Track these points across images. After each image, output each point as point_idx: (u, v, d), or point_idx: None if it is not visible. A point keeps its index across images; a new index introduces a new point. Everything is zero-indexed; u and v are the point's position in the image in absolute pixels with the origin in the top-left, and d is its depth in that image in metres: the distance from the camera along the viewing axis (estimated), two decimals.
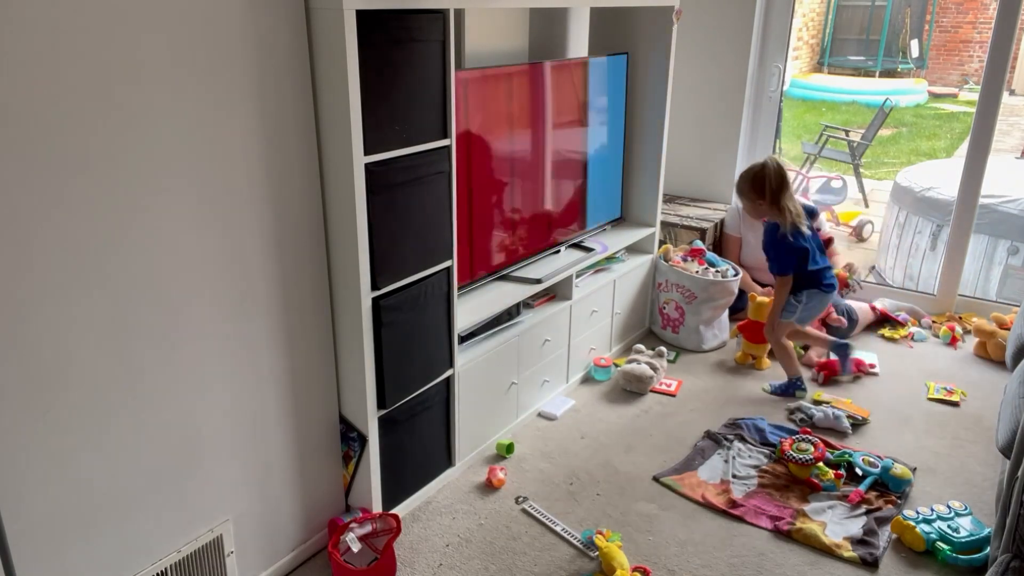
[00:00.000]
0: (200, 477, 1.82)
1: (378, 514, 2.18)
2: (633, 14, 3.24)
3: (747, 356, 3.35)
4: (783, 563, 2.18)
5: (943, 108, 10.84)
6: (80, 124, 1.45)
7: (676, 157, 4.03)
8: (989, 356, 3.39)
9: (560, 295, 2.97)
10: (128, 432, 1.64)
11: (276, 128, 1.81)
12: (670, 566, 2.17)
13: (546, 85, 2.78)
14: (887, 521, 2.32)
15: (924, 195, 4.43)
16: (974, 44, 12.02)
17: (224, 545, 1.91)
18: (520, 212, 2.79)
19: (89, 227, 1.50)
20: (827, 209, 5.69)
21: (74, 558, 1.60)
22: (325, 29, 1.80)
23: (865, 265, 4.97)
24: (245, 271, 1.82)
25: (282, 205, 1.87)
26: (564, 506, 2.41)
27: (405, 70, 1.98)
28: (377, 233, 1.99)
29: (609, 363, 3.21)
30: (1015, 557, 1.84)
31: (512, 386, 2.73)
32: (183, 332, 1.71)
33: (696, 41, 3.94)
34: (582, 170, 3.11)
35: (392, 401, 2.18)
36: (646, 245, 3.48)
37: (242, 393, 1.88)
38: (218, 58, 1.65)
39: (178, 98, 1.60)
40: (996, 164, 4.06)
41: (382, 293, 2.07)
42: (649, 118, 3.36)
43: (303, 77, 1.84)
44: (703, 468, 2.60)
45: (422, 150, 2.09)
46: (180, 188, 1.64)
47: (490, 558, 2.19)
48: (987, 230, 4.06)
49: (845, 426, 2.82)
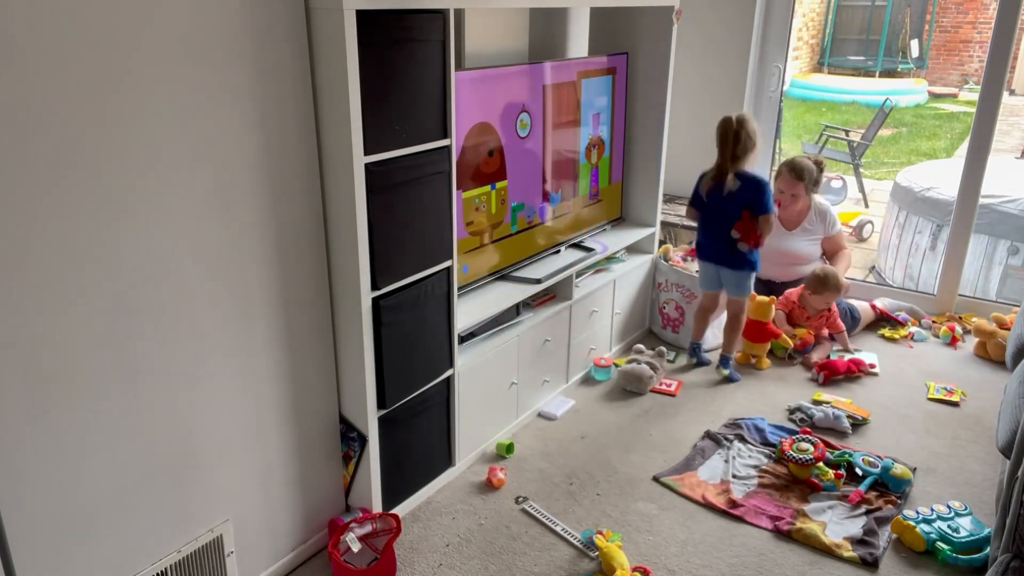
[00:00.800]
0: (200, 477, 1.82)
1: (378, 514, 2.18)
2: (633, 14, 3.24)
3: (747, 356, 3.35)
4: (783, 563, 2.18)
5: (943, 108, 10.84)
6: (79, 125, 1.45)
7: (676, 157, 4.02)
8: (989, 356, 3.39)
9: (560, 295, 2.97)
10: (128, 432, 1.64)
11: (276, 128, 1.81)
12: (670, 566, 2.17)
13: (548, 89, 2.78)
14: (887, 521, 2.32)
15: (924, 195, 4.43)
16: (974, 44, 12.02)
17: (224, 545, 1.91)
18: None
19: (89, 227, 1.50)
20: None
21: (74, 558, 1.60)
22: (325, 29, 1.80)
23: (865, 265, 4.98)
24: (245, 271, 1.82)
25: (282, 205, 1.87)
26: (564, 506, 2.41)
27: (405, 70, 1.98)
28: (377, 233, 1.99)
29: (609, 363, 3.21)
30: (1015, 557, 1.84)
31: (512, 386, 2.73)
32: (183, 332, 1.71)
33: (696, 41, 3.94)
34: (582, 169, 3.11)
35: (392, 401, 2.18)
36: (646, 245, 3.48)
37: (242, 393, 1.88)
38: (218, 58, 1.65)
39: (178, 98, 1.60)
40: (996, 164, 4.06)
41: (382, 293, 2.07)
42: (649, 118, 3.36)
43: (303, 77, 1.84)
44: (703, 468, 2.60)
45: (422, 150, 2.09)
46: (180, 189, 1.64)
47: (490, 558, 2.19)
48: (987, 230, 4.06)
49: (845, 426, 2.82)
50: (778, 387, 3.16)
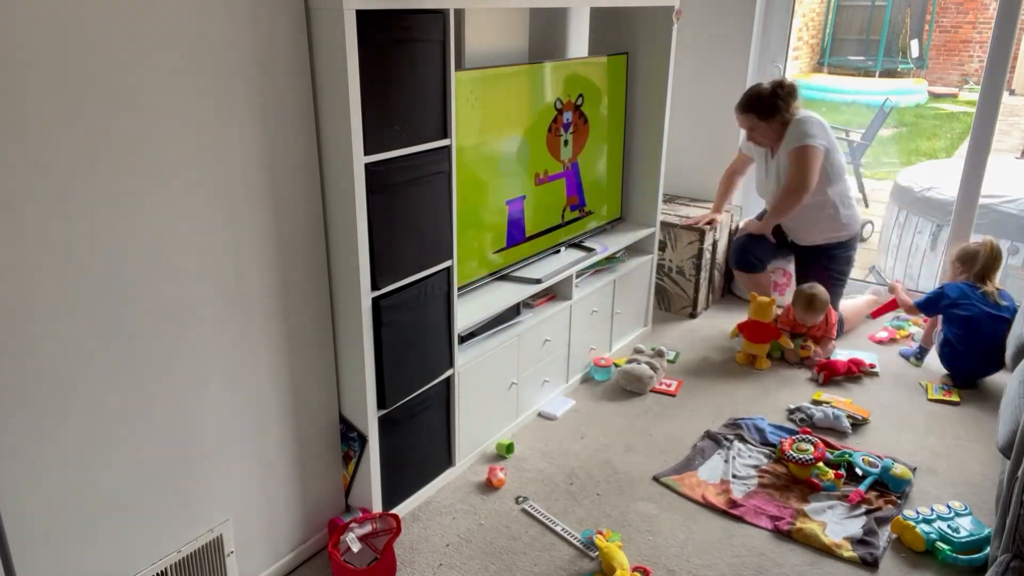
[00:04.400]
0: (200, 477, 1.82)
1: (378, 514, 2.18)
2: (633, 14, 3.24)
3: (747, 356, 3.35)
4: (783, 563, 2.18)
5: (943, 108, 10.84)
6: (79, 126, 1.45)
7: (676, 157, 4.03)
8: None
9: (560, 295, 2.97)
10: (128, 432, 1.64)
11: (276, 128, 1.81)
12: (670, 566, 2.17)
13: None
14: (887, 521, 2.32)
15: (924, 195, 4.42)
16: (974, 44, 12.01)
17: (224, 545, 1.91)
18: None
19: (89, 227, 1.50)
20: None
21: (74, 558, 1.60)
22: (325, 29, 1.80)
23: (865, 265, 4.97)
24: (245, 271, 1.82)
25: (282, 205, 1.87)
26: (564, 506, 2.41)
27: (405, 70, 1.98)
28: (377, 233, 1.99)
29: (609, 363, 3.21)
30: (1015, 557, 1.84)
31: (512, 386, 2.73)
32: (183, 332, 1.71)
33: (696, 41, 3.94)
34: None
35: (392, 401, 2.18)
36: (646, 245, 3.48)
37: (242, 393, 1.88)
38: (217, 58, 1.65)
39: (177, 98, 1.60)
40: (996, 164, 4.05)
41: (382, 293, 2.07)
42: (649, 118, 3.36)
43: (303, 77, 1.84)
44: (703, 468, 2.60)
45: (422, 150, 2.09)
46: (180, 189, 1.64)
47: (490, 558, 2.19)
48: (987, 230, 4.05)
49: (845, 426, 2.82)
50: (778, 387, 3.16)
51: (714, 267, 3.87)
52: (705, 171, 4.11)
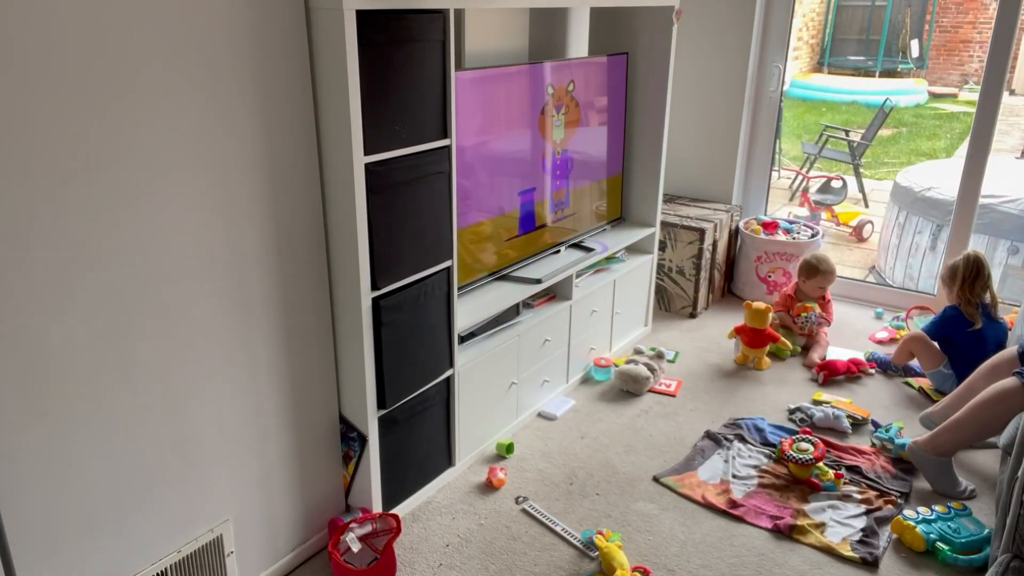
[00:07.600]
0: (200, 477, 1.82)
1: (378, 514, 2.18)
2: (633, 14, 3.24)
3: (747, 357, 3.35)
4: (783, 563, 2.18)
5: (943, 108, 10.84)
6: (79, 126, 1.45)
7: (676, 157, 4.03)
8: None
9: (560, 295, 2.97)
10: (128, 432, 1.64)
11: (276, 128, 1.81)
12: (670, 566, 2.17)
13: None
14: (887, 521, 2.32)
15: (924, 195, 4.43)
16: (974, 44, 12.02)
17: (224, 545, 1.91)
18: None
19: (89, 228, 1.50)
20: (827, 209, 5.69)
21: (74, 558, 1.60)
22: (325, 29, 1.80)
23: (865, 265, 4.97)
24: (245, 271, 1.82)
25: (282, 205, 1.87)
26: (564, 506, 2.41)
27: (405, 70, 1.98)
28: (377, 233, 1.99)
29: (609, 363, 3.21)
30: (1015, 557, 1.84)
31: (512, 386, 2.73)
32: (183, 332, 1.71)
33: (696, 41, 3.94)
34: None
35: (392, 401, 2.18)
36: (646, 245, 3.48)
37: (242, 393, 1.88)
38: (217, 58, 1.65)
39: (177, 98, 1.60)
40: (996, 164, 4.05)
41: (382, 293, 2.07)
42: (649, 118, 3.36)
43: (303, 77, 1.84)
44: (703, 468, 2.60)
45: (422, 150, 2.09)
46: (179, 189, 1.64)
47: (490, 558, 2.19)
48: (987, 230, 4.05)
49: (845, 426, 2.82)
50: (778, 387, 3.16)
51: (714, 267, 3.87)
52: (705, 171, 4.11)
